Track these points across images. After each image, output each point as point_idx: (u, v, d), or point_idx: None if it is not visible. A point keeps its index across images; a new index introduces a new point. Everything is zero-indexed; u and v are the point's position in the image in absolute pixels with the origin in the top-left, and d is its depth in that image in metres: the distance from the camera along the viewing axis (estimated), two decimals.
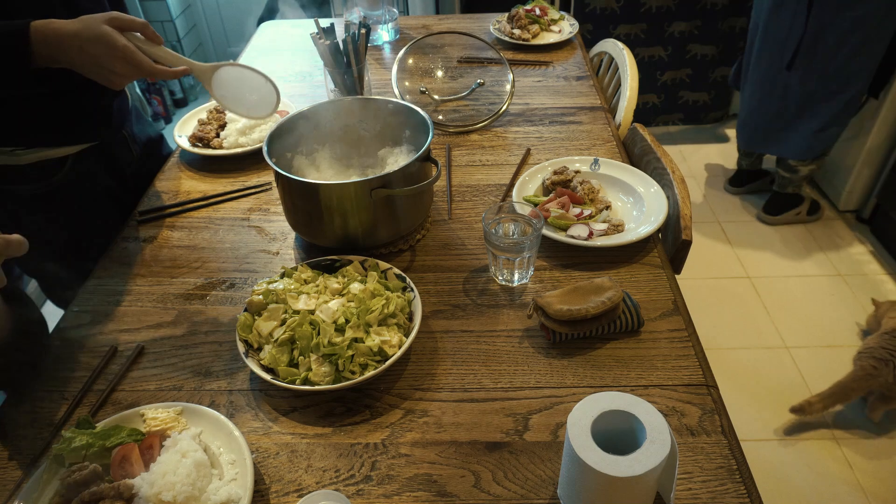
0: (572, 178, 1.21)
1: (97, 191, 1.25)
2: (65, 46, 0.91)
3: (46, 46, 0.91)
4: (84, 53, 0.91)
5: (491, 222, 1.01)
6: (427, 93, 1.57)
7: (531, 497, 0.75)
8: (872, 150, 2.47)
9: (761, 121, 2.46)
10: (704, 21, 2.97)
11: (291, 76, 1.76)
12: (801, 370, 2.04)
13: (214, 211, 1.25)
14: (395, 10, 1.92)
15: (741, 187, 2.83)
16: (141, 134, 1.38)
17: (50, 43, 0.91)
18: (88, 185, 1.23)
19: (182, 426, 0.81)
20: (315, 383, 0.84)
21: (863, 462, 1.77)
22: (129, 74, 0.94)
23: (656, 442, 0.64)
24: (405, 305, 0.94)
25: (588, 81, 1.66)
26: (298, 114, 1.16)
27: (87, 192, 1.23)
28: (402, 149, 1.20)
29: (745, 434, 1.84)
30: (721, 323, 2.23)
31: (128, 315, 1.03)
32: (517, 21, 1.89)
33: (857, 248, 2.52)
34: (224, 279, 1.09)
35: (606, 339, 0.94)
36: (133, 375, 0.93)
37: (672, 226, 1.13)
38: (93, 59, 0.91)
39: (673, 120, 3.32)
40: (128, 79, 0.95)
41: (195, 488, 0.71)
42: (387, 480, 0.77)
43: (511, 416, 0.84)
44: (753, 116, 2.49)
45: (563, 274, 1.06)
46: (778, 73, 2.32)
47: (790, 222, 2.64)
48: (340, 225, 1.05)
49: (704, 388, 0.86)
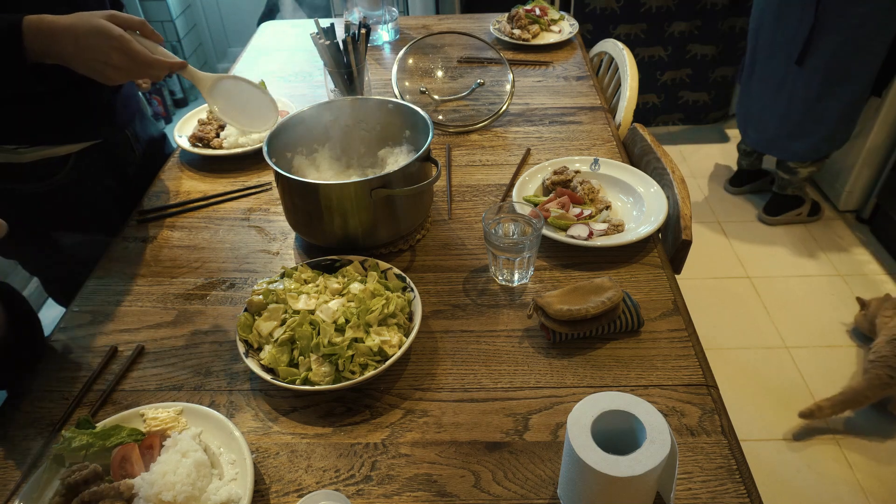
0: (572, 178, 1.21)
1: (99, 190, 1.25)
2: (59, 39, 0.89)
3: (40, 40, 0.88)
4: (79, 46, 0.89)
5: (491, 222, 1.01)
6: (427, 93, 1.57)
7: (531, 497, 0.75)
8: (872, 150, 2.46)
9: (769, 122, 2.45)
10: (704, 21, 2.97)
11: (291, 76, 1.76)
12: (801, 370, 2.04)
13: (214, 211, 1.25)
14: (395, 10, 1.92)
15: (741, 187, 2.83)
16: (144, 133, 1.38)
17: (44, 36, 0.88)
18: (90, 183, 1.23)
19: (182, 426, 0.81)
20: (315, 383, 0.84)
21: (863, 462, 1.77)
22: (124, 66, 0.91)
23: (656, 442, 0.64)
24: (405, 305, 0.94)
25: (588, 81, 1.66)
26: (298, 114, 1.16)
27: (89, 192, 1.23)
28: (402, 149, 1.20)
29: (745, 434, 1.84)
30: (721, 323, 2.23)
31: (128, 315, 1.03)
32: (517, 21, 1.89)
33: (857, 248, 2.52)
34: (224, 279, 1.09)
35: (606, 339, 0.94)
36: (133, 375, 0.93)
37: (672, 226, 1.13)
38: (88, 52, 0.89)
39: (673, 120, 3.32)
40: (123, 72, 0.92)
41: (195, 488, 0.71)
42: (387, 480, 0.77)
43: (511, 416, 0.84)
44: (762, 116, 2.48)
45: (563, 274, 1.06)
46: (786, 73, 2.32)
47: (790, 223, 2.64)
48: (340, 225, 1.05)
49: (704, 388, 0.86)
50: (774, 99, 2.40)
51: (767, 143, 2.51)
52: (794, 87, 2.31)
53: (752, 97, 2.52)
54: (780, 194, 2.61)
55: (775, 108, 2.40)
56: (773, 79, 2.38)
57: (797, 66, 2.25)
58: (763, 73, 2.42)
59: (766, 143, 2.52)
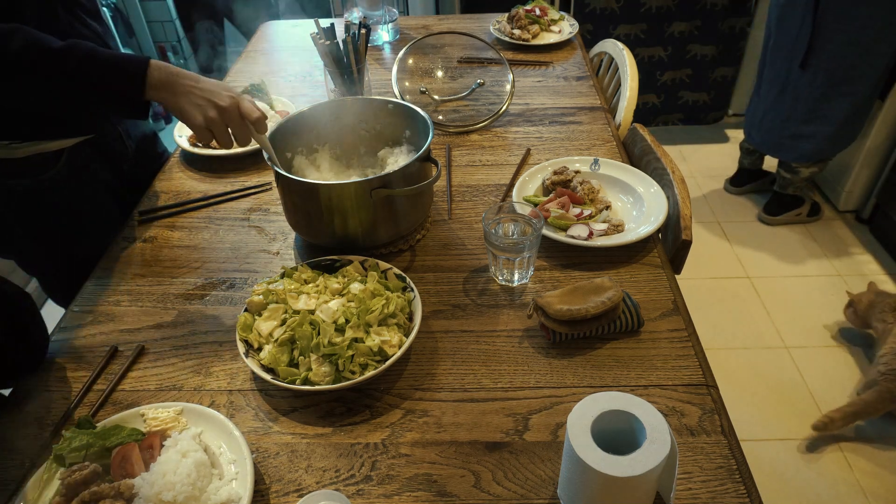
0: (572, 178, 1.21)
1: (93, 186, 1.26)
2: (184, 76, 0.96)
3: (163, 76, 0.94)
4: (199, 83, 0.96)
5: (491, 222, 1.01)
6: (427, 93, 1.57)
7: (531, 497, 0.75)
8: (872, 150, 2.47)
9: (774, 123, 2.45)
10: (704, 21, 2.97)
11: (291, 76, 1.76)
12: (801, 370, 2.04)
13: (214, 211, 1.25)
14: (395, 10, 1.92)
15: (742, 187, 2.83)
16: (135, 130, 1.38)
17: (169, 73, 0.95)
18: (85, 179, 1.23)
19: (182, 426, 0.81)
20: (315, 383, 0.84)
21: (863, 462, 1.77)
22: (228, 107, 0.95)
23: (656, 442, 0.64)
24: (405, 305, 0.94)
25: (588, 81, 1.66)
26: (298, 114, 1.16)
27: (84, 188, 1.24)
28: (402, 149, 1.20)
29: (745, 434, 1.84)
30: (721, 323, 2.23)
31: (128, 315, 1.03)
32: (517, 21, 1.89)
33: (857, 249, 2.52)
34: (224, 279, 1.09)
35: (606, 339, 0.94)
36: (133, 375, 0.93)
37: (672, 226, 1.13)
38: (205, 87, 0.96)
39: (673, 120, 3.32)
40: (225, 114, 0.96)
41: (195, 488, 0.71)
42: (387, 480, 0.77)
43: (511, 416, 0.84)
44: (766, 117, 2.48)
45: (563, 274, 1.06)
46: (789, 74, 2.32)
47: (790, 223, 2.64)
48: (340, 225, 1.05)
49: (704, 388, 0.86)
50: (778, 100, 2.40)
51: (772, 145, 2.51)
52: (798, 88, 2.31)
53: (759, 98, 2.52)
54: (780, 193, 2.61)
55: (780, 109, 2.40)
56: (777, 80, 2.38)
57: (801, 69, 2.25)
58: (769, 75, 2.43)
59: (771, 145, 2.52)
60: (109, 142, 1.29)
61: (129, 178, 1.34)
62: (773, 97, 2.42)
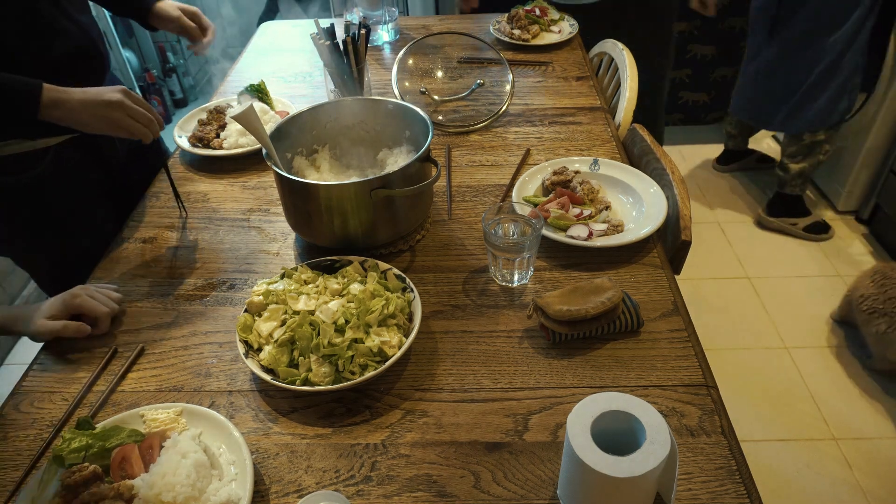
0: (572, 178, 1.21)
1: (83, 185, 1.26)
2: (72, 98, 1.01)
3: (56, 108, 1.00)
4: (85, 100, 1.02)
5: (491, 222, 1.01)
6: (427, 93, 1.57)
7: (531, 497, 0.75)
8: (872, 150, 2.46)
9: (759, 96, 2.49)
10: (704, 21, 2.96)
11: (291, 76, 1.76)
12: (800, 370, 2.04)
13: (214, 211, 1.25)
14: (395, 10, 1.92)
15: (727, 165, 2.94)
16: None
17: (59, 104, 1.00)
18: (73, 178, 1.23)
19: (182, 427, 0.81)
20: (315, 384, 0.84)
21: (863, 462, 1.77)
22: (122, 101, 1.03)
23: (656, 442, 0.64)
24: (405, 306, 0.94)
25: (588, 82, 1.66)
26: (298, 114, 1.16)
27: (75, 185, 1.24)
28: (402, 149, 1.20)
29: (745, 434, 1.84)
30: (721, 323, 2.23)
31: (128, 315, 1.03)
32: (517, 21, 1.89)
33: (857, 249, 2.52)
34: (224, 279, 1.09)
35: (606, 340, 0.94)
36: (133, 376, 0.93)
37: (672, 226, 1.13)
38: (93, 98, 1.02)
39: (673, 120, 3.32)
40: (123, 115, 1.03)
41: (195, 489, 0.71)
42: (387, 481, 0.77)
43: (511, 416, 0.84)
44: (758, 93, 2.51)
45: (563, 274, 1.06)
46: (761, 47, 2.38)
47: (783, 231, 2.61)
48: (340, 225, 1.05)
49: (704, 388, 0.86)
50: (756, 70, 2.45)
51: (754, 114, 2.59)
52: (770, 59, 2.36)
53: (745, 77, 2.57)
54: (780, 193, 2.61)
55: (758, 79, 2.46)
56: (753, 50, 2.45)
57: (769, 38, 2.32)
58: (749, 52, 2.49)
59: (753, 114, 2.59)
60: (97, 141, 1.28)
61: (122, 178, 1.33)
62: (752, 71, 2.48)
